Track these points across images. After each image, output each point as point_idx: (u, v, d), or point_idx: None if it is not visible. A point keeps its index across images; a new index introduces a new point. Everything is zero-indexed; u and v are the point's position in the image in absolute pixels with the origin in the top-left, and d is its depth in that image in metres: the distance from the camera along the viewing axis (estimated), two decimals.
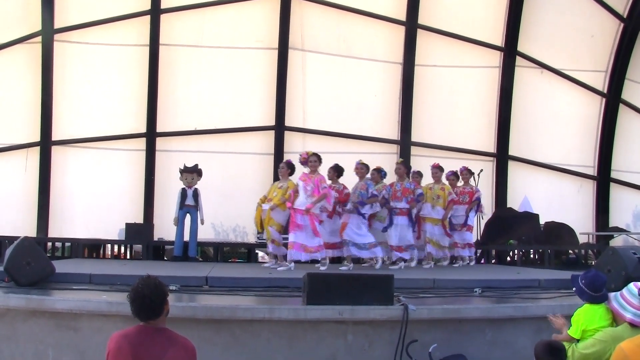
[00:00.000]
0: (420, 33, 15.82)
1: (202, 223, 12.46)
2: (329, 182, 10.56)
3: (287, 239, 10.80)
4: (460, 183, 12.21)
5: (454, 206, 11.81)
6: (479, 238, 14.18)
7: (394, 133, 15.97)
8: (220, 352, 6.10)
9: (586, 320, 5.37)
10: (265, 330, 6.16)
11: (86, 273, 8.24)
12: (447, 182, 11.91)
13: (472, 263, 12.18)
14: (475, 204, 12.08)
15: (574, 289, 5.67)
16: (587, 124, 17.21)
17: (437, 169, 11.76)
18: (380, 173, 11.42)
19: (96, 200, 14.71)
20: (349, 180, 11.00)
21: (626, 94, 17.27)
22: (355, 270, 10.04)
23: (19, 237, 8.04)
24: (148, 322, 4.14)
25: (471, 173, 12.38)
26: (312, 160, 10.22)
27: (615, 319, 5.24)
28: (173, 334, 4.19)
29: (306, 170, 10.34)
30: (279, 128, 15.34)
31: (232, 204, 14.78)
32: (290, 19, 15.29)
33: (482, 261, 13.99)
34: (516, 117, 16.39)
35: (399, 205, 10.83)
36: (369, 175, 10.86)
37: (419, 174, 11.82)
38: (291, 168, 10.71)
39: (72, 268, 9.20)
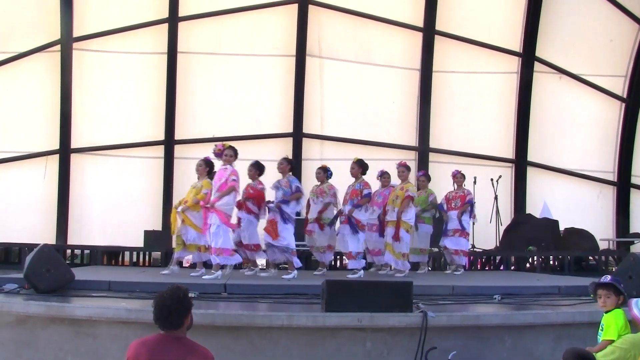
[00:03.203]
0: (437, 39, 15.80)
1: None
2: (249, 181, 10.05)
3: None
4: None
5: (448, 212, 11.51)
6: (472, 244, 14.08)
7: (412, 139, 15.94)
8: (239, 359, 6.09)
9: (619, 325, 5.30)
10: (284, 337, 6.15)
11: (105, 280, 8.29)
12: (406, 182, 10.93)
13: (460, 272, 11.44)
14: (467, 207, 11.51)
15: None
16: (607, 129, 17.08)
17: (404, 168, 10.96)
18: (326, 172, 10.73)
19: (115, 208, 14.80)
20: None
21: None
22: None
23: (38, 244, 8.12)
24: (167, 331, 4.14)
25: (462, 177, 11.84)
26: (227, 153, 9.43)
27: (636, 326, 5.20)
28: (192, 343, 4.20)
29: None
30: (297, 135, 15.36)
31: None
32: (308, 26, 15.33)
33: (502, 268, 13.92)
34: (535, 123, 16.30)
35: (346, 210, 10.20)
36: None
37: (387, 175, 11.32)
38: (210, 166, 10.02)
39: (91, 275, 9.24)
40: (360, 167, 10.48)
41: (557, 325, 6.57)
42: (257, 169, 10.12)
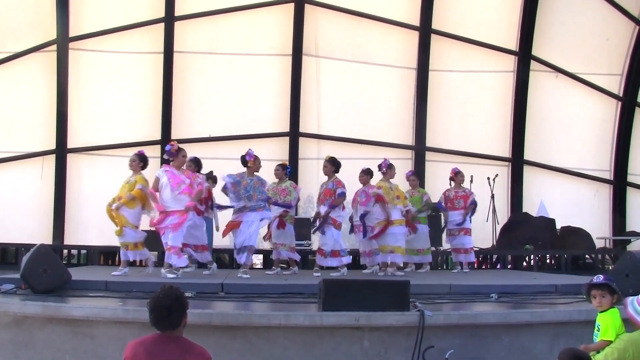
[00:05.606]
0: (434, 38, 15.81)
1: (218, 230, 12.35)
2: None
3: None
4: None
5: (450, 211, 11.50)
6: None
7: (408, 138, 15.95)
8: (236, 358, 6.09)
9: (616, 325, 5.28)
10: (281, 336, 6.14)
11: (102, 280, 8.27)
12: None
13: (468, 270, 11.61)
14: (472, 208, 11.55)
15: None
16: (603, 127, 17.11)
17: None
18: (285, 170, 10.76)
19: None
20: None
21: None
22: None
23: (35, 244, 8.09)
24: (165, 331, 4.13)
25: (463, 176, 11.88)
26: (184, 154, 9.47)
27: (631, 325, 5.19)
28: (189, 342, 4.19)
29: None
30: (294, 134, 15.37)
31: None
32: (304, 25, 15.34)
33: (499, 266, 13.93)
34: (531, 122, 16.32)
35: (322, 210, 10.07)
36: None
37: (368, 173, 10.72)
38: (144, 161, 9.92)
39: (88, 275, 9.24)
40: (332, 165, 10.27)
41: (555, 323, 6.56)
42: (197, 165, 10.44)
